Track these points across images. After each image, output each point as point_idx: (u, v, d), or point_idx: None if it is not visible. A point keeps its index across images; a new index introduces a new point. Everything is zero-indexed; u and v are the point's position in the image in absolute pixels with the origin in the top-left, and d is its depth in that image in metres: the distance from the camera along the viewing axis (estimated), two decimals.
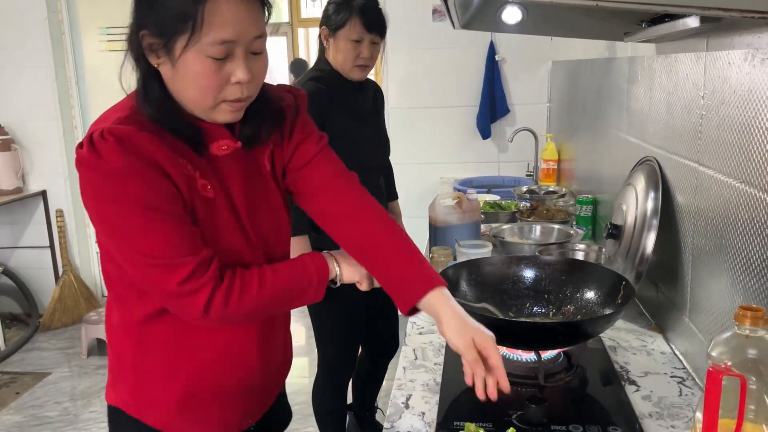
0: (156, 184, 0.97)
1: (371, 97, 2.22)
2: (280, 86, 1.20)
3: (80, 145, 0.96)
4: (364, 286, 1.17)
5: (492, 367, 1.01)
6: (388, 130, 2.34)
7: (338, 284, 1.16)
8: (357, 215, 1.16)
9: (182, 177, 1.00)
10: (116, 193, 0.96)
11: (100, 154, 0.94)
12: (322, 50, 2.10)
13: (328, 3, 2.05)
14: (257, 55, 1.00)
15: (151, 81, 1.00)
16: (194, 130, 1.03)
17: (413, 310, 1.10)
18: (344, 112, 2.03)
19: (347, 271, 1.15)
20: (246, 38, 0.97)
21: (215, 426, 1.19)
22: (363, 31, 1.99)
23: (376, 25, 2.01)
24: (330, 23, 2.02)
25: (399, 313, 1.14)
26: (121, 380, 1.17)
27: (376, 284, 1.16)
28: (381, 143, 2.26)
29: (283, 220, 1.19)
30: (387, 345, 2.48)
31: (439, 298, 1.07)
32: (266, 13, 1.02)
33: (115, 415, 1.19)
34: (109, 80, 5.01)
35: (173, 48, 0.95)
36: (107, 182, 0.96)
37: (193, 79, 0.97)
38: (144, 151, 0.96)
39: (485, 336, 1.02)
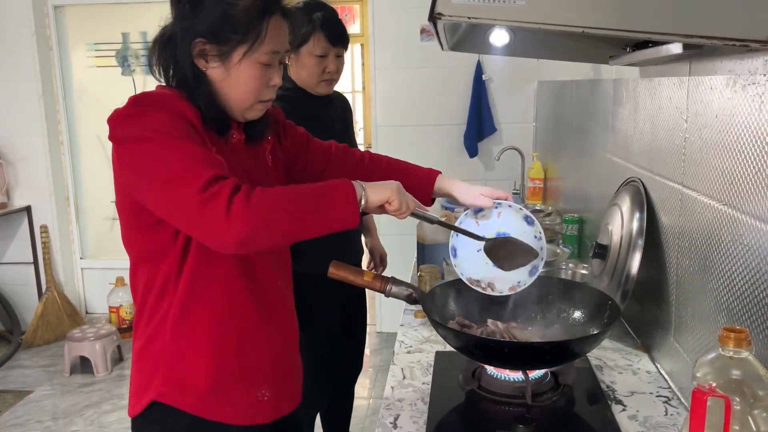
0: (180, 123, 1.07)
1: (339, 110, 2.16)
2: None
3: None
4: (394, 206, 1.17)
5: (505, 197, 1.35)
6: (375, 148, 2.34)
7: (362, 208, 1.14)
8: (360, 163, 1.55)
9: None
10: (140, 123, 1.06)
11: (132, 102, 1.09)
12: (283, 68, 2.06)
13: None
14: (280, 66, 1.22)
15: (199, 81, 1.15)
16: (227, 117, 1.20)
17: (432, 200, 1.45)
18: (313, 130, 2.01)
19: (373, 193, 1.15)
20: (284, 50, 1.20)
21: (247, 409, 1.23)
22: (328, 45, 1.92)
23: (340, 38, 1.95)
24: (291, 39, 1.99)
25: (367, 333, 1.17)
26: (156, 373, 1.19)
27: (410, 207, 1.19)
28: None
29: None
30: (353, 365, 2.26)
31: (444, 181, 1.41)
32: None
33: (150, 413, 1.20)
34: (95, 95, 4.96)
35: (231, 55, 1.13)
36: (133, 119, 1.07)
37: (245, 81, 1.16)
38: (178, 106, 1.09)
39: (484, 188, 1.36)
